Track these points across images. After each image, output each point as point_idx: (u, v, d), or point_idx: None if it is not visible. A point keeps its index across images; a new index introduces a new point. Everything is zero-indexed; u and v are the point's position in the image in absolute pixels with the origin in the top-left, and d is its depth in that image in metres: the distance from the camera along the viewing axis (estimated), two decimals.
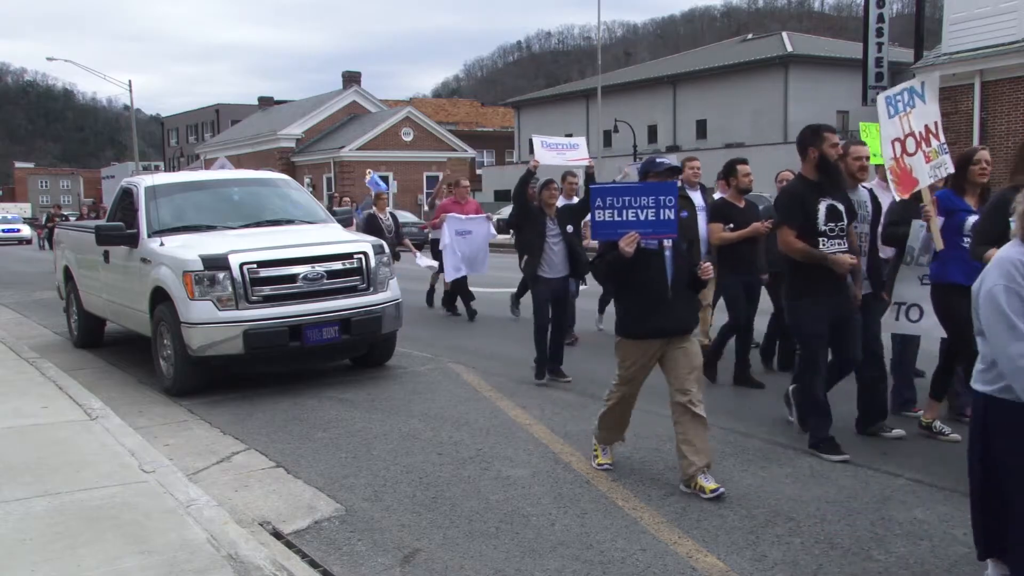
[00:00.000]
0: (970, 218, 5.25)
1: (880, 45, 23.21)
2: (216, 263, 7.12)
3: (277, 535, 4.31)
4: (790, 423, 5.90)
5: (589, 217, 5.06)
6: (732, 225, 7.14)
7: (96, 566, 3.75)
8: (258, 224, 8.29)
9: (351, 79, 51.58)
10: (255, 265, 7.20)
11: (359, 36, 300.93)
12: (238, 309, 7.11)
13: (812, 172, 5.29)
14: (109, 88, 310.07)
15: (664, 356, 4.80)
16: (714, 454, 4.90)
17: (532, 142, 8.59)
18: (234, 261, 7.15)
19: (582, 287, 9.34)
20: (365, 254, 7.75)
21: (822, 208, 5.20)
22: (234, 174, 10.79)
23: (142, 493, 4.65)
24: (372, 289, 7.73)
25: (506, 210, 32.37)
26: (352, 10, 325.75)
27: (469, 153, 49.61)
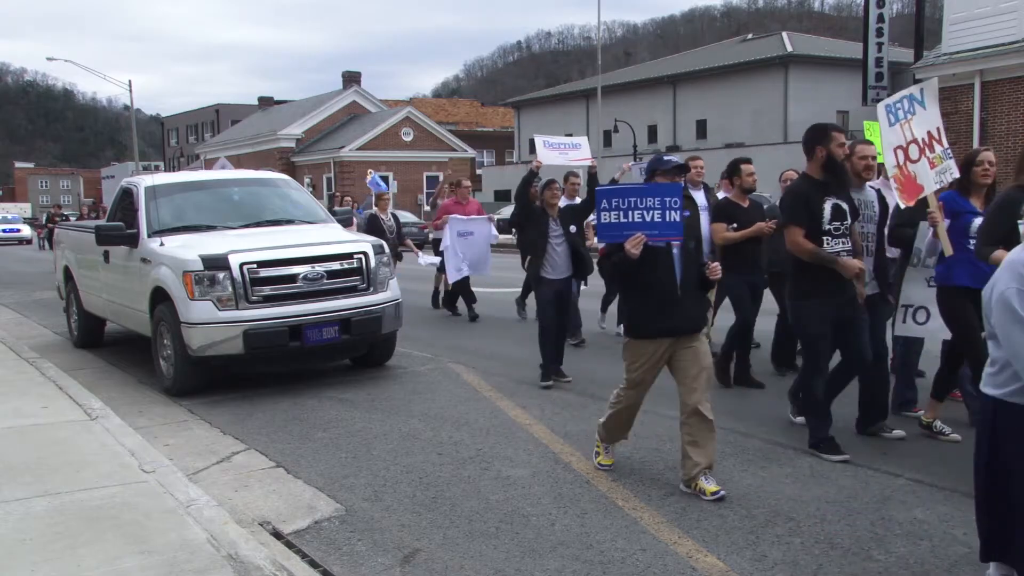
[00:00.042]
0: (976, 220, 5.22)
1: (880, 45, 23.22)
2: (216, 263, 7.12)
3: (277, 535, 4.31)
4: (794, 423, 5.90)
5: (595, 219, 5.03)
6: (736, 225, 7.11)
7: (96, 566, 3.75)
8: (258, 224, 8.29)
9: (351, 79, 51.60)
10: (255, 265, 7.21)
11: (359, 36, 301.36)
12: (238, 309, 7.12)
13: (818, 171, 5.26)
14: (109, 88, 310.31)
15: (673, 356, 4.76)
16: (715, 455, 4.90)
17: (534, 142, 8.56)
18: (234, 261, 7.15)
19: (582, 287, 9.33)
20: (365, 254, 7.75)
21: (827, 207, 5.18)
22: (234, 174, 10.79)
23: (142, 493, 4.65)
24: (372, 289, 7.73)
25: (506, 210, 32.39)
26: (352, 10, 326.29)
27: (469, 153, 49.62)
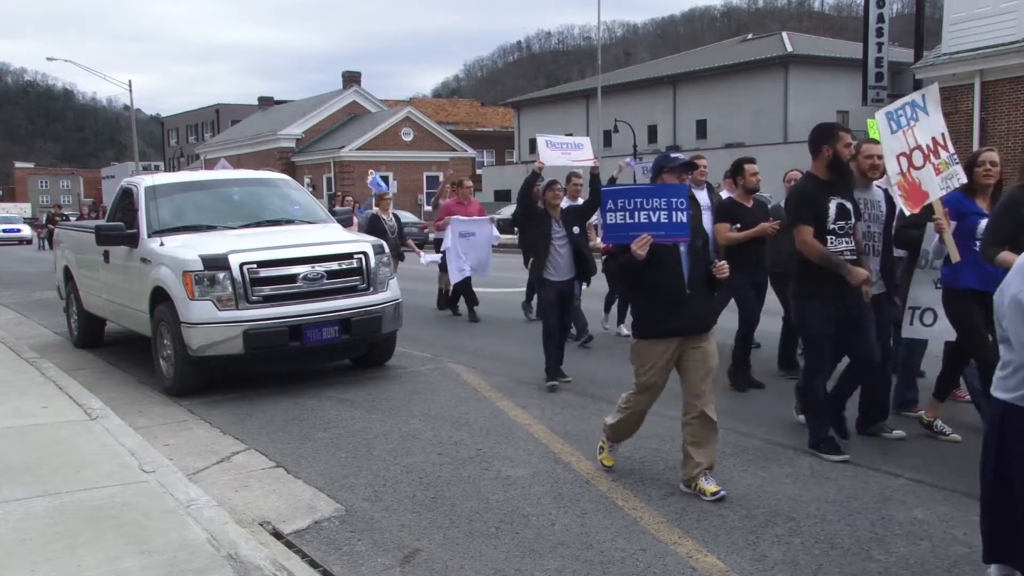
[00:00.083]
0: (982, 221, 5.17)
1: (880, 45, 23.24)
2: (216, 263, 7.12)
3: (277, 535, 4.31)
4: (800, 423, 5.88)
5: (600, 219, 5.01)
6: (739, 225, 7.08)
7: (96, 566, 3.75)
8: (258, 224, 8.29)
9: (351, 79, 51.58)
10: (255, 265, 7.21)
11: (359, 36, 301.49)
12: (238, 309, 7.12)
13: (823, 171, 5.24)
14: (109, 88, 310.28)
15: (681, 357, 4.73)
16: (716, 455, 4.89)
17: (537, 141, 8.53)
18: (234, 261, 7.15)
19: (584, 287, 9.31)
20: (365, 254, 7.75)
21: (832, 207, 5.17)
22: (234, 174, 10.79)
23: (142, 493, 4.65)
24: (372, 289, 7.73)
25: (506, 210, 32.41)
26: (352, 10, 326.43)
27: (469, 153, 49.61)
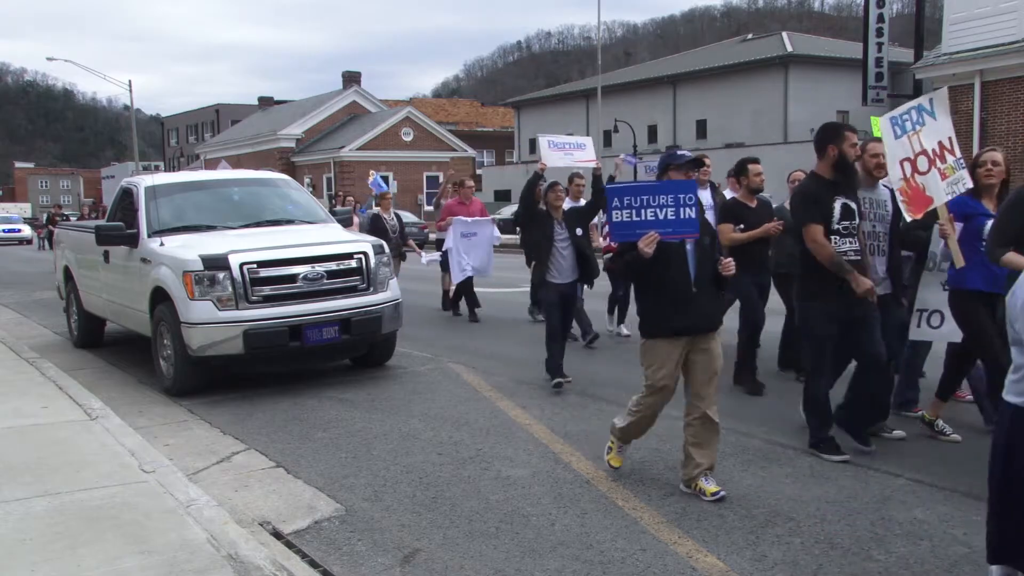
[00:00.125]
0: (989, 222, 5.15)
1: (880, 45, 23.21)
2: (216, 263, 7.12)
3: (277, 535, 4.31)
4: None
5: (605, 218, 4.98)
6: (743, 225, 7.04)
7: (96, 566, 3.75)
8: (258, 224, 8.29)
9: (351, 79, 51.57)
10: (255, 265, 7.21)
11: (359, 36, 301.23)
12: (238, 309, 7.12)
13: (828, 171, 5.23)
14: (109, 88, 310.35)
15: (688, 357, 4.71)
16: (716, 456, 4.89)
17: (539, 141, 8.52)
18: (234, 261, 7.15)
19: (586, 289, 9.31)
20: (365, 254, 7.75)
21: (837, 207, 5.16)
22: (234, 174, 10.80)
23: (142, 493, 4.65)
24: (372, 289, 7.73)
25: (506, 210, 32.41)
26: (352, 10, 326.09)
27: (469, 153, 49.61)
